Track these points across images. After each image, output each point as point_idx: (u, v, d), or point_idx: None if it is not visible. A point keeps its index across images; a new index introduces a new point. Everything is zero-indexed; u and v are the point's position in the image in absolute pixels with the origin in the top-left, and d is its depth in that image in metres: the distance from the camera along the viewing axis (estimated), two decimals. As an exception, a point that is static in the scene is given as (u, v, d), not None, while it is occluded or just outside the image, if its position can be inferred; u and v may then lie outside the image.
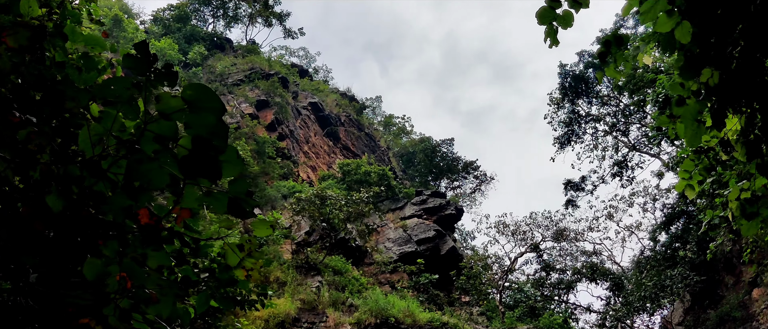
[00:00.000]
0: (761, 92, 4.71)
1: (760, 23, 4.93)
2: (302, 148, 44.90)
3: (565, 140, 44.61)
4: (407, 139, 66.76)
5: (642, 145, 42.06)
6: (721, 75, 4.33)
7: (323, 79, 71.43)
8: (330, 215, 27.59)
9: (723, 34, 4.55)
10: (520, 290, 39.54)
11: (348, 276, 27.51)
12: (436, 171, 54.04)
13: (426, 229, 35.35)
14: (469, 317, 28.87)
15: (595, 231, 45.05)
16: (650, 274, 29.40)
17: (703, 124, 4.50)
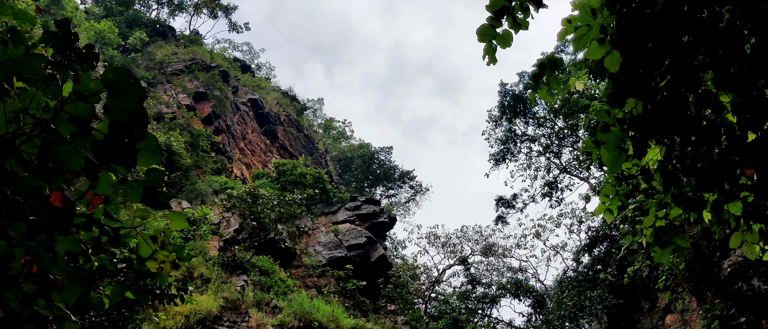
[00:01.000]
0: (683, 126, 4.88)
1: (688, 59, 5.12)
2: (238, 144, 44.29)
3: (500, 157, 45.33)
4: (346, 144, 66.72)
5: (573, 168, 43.11)
6: (646, 106, 4.47)
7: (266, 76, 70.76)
8: (261, 214, 27.28)
9: (651, 67, 4.70)
10: (445, 301, 39.93)
11: (275, 277, 27.24)
12: (373, 178, 54.18)
13: (358, 235, 35.33)
14: (393, 326, 28.98)
15: (522, 249, 46.10)
16: (571, 294, 30.11)
17: (625, 151, 4.63)
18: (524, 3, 5.73)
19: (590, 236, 34.48)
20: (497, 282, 43.43)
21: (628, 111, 4.45)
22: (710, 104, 5.34)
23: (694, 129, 4.96)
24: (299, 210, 28.52)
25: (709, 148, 5.03)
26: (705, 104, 5.32)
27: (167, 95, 39.55)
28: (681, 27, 4.90)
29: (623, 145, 4.73)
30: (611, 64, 4.46)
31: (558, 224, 44.32)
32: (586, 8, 4.69)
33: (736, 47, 5.22)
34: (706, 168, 4.98)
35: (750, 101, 5.22)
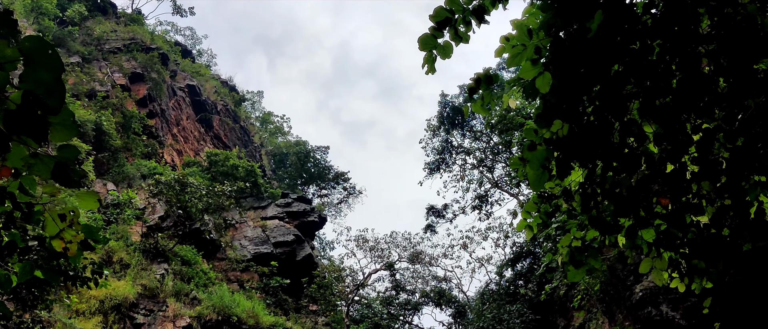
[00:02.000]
0: (605, 151, 5.02)
1: (617, 88, 5.28)
2: (171, 129, 43.34)
3: (435, 167, 45.78)
4: (283, 139, 66.16)
5: (504, 183, 43.86)
6: (572, 128, 4.58)
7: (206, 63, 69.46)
8: (188, 203, 26.75)
9: (580, 92, 4.82)
10: (368, 306, 39.99)
11: (197, 268, 26.75)
12: (307, 176, 53.88)
13: (286, 233, 35.05)
14: (314, 326, 28.85)
15: (448, 258, 46.46)
16: (491, 307, 30.65)
17: (549, 171, 4.74)
18: (467, 17, 5.81)
19: (515, 251, 35.16)
20: (421, 289, 43.78)
21: (555, 132, 4.55)
22: (634, 132, 5.52)
23: (616, 155, 5.11)
24: (228, 202, 28.10)
25: (628, 175, 5.19)
26: (629, 132, 5.50)
27: (102, 72, 38.36)
28: (613, 56, 5.05)
29: (548, 164, 4.83)
30: (542, 85, 4.56)
31: (485, 237, 45.05)
32: (523, 28, 4.78)
33: (664, 81, 5.41)
34: (624, 194, 5.13)
35: (672, 134, 5.42)
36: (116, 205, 27.21)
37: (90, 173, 26.48)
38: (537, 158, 4.59)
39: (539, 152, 4.59)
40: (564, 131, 4.50)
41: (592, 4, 4.58)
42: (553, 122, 4.50)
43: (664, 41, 5.40)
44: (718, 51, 5.74)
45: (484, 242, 47.88)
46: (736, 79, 5.61)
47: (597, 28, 4.40)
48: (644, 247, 5.50)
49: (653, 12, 5.47)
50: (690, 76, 5.36)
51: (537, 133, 4.73)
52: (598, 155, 4.86)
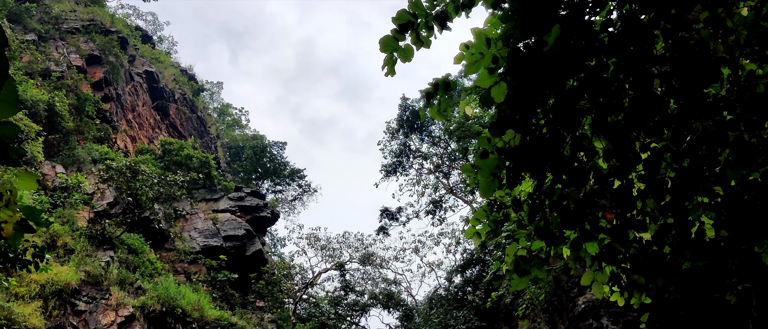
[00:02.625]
0: (556, 164, 5.10)
1: (570, 102, 5.36)
2: (126, 115, 42.51)
3: (391, 169, 45.90)
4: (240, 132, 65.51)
5: (459, 190, 44.21)
6: (524, 139, 4.65)
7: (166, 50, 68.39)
8: (139, 190, 26.29)
9: (534, 104, 4.88)
10: (316, 305, 39.85)
11: (143, 258, 26.28)
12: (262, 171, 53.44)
13: (237, 227, 34.71)
14: (259, 322, 28.61)
15: (399, 262, 46.59)
16: (439, 311, 30.85)
17: (500, 180, 4.79)
18: (430, 22, 5.84)
19: (465, 258, 35.46)
20: (370, 291, 43.84)
21: (507, 142, 4.60)
22: (585, 147, 5.62)
23: (566, 168, 5.19)
24: (180, 192, 27.70)
25: (577, 188, 5.28)
26: (580, 146, 5.60)
27: (59, 52, 37.43)
28: (568, 71, 5.13)
29: (499, 173, 4.88)
30: (497, 95, 4.61)
31: (437, 242, 45.34)
32: (482, 37, 4.83)
33: (616, 98, 5.52)
34: (571, 207, 5.22)
35: (621, 150, 5.53)
36: (64, 188, 26.57)
37: (39, 154, 25.80)
38: (488, 166, 4.63)
39: (491, 161, 4.64)
40: (516, 141, 4.55)
41: (550, 17, 4.64)
42: (505, 132, 4.55)
43: (619, 60, 5.51)
44: (670, 73, 5.88)
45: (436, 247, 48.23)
46: (686, 102, 5.75)
47: (554, 42, 4.47)
48: (587, 260, 5.60)
49: (610, 30, 5.57)
50: (642, 96, 5.48)
51: (490, 141, 4.78)
52: (548, 166, 4.93)
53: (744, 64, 6.30)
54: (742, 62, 6.31)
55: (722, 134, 5.71)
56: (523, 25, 4.66)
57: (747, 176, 6.02)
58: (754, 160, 5.69)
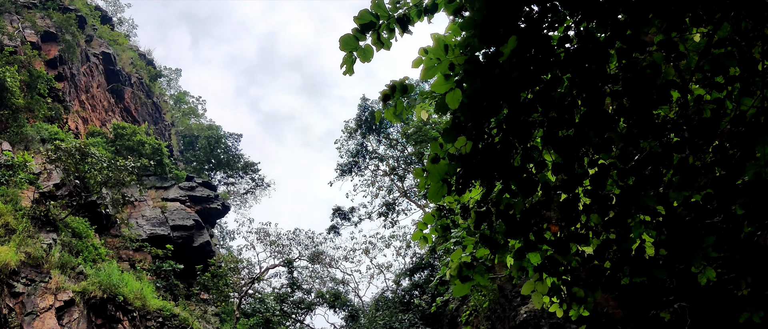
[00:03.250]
0: (505, 173, 5.16)
1: (524, 114, 5.44)
2: (80, 96, 41.52)
3: (347, 169, 45.84)
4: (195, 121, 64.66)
5: (413, 194, 44.38)
6: (475, 146, 4.70)
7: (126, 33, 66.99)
8: (87, 173, 25.70)
9: (488, 113, 4.93)
10: (262, 300, 39.53)
11: (87, 242, 25.69)
12: (215, 162, 52.82)
13: (186, 217, 34.24)
14: (202, 314, 28.25)
15: (349, 262, 46.52)
16: (385, 314, 30.92)
17: (449, 185, 4.83)
18: (391, 24, 5.86)
19: (414, 261, 35.64)
20: (317, 290, 43.69)
21: (459, 148, 4.65)
22: (535, 159, 5.70)
23: (515, 178, 5.26)
24: (129, 178, 27.16)
25: (524, 198, 5.35)
26: (530, 158, 5.68)
27: (13, 27, 36.36)
28: (523, 83, 5.20)
29: (449, 179, 4.92)
30: (452, 101, 4.65)
31: (388, 244, 45.41)
32: (441, 43, 4.87)
33: (569, 113, 5.62)
34: (517, 217, 5.29)
35: (570, 165, 5.63)
36: (9, 166, 25.83)
37: (-17, 129, 25.04)
38: (438, 171, 4.67)
39: (441, 166, 4.68)
40: (467, 149, 4.60)
41: (508, 29, 4.70)
42: (458, 138, 4.60)
43: (573, 76, 5.60)
44: (622, 92, 6.01)
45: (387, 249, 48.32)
46: (636, 122, 5.88)
47: (510, 54, 4.53)
48: (530, 270, 5.69)
49: (567, 46, 5.66)
50: (593, 113, 5.59)
51: (442, 147, 4.82)
52: (498, 175, 4.99)
53: (693, 88, 6.48)
54: (691, 87, 6.49)
55: (668, 156, 5.87)
56: (482, 34, 4.71)
57: (689, 198, 6.19)
58: (696, 182, 5.85)
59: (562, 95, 5.66)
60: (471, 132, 4.53)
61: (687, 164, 5.63)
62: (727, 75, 6.35)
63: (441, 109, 4.92)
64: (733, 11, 5.74)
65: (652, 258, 6.21)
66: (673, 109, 6.40)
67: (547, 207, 5.52)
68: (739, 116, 5.73)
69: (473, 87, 4.57)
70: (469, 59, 4.65)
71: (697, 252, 5.92)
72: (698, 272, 6.17)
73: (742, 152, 5.62)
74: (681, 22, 5.67)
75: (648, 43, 7.20)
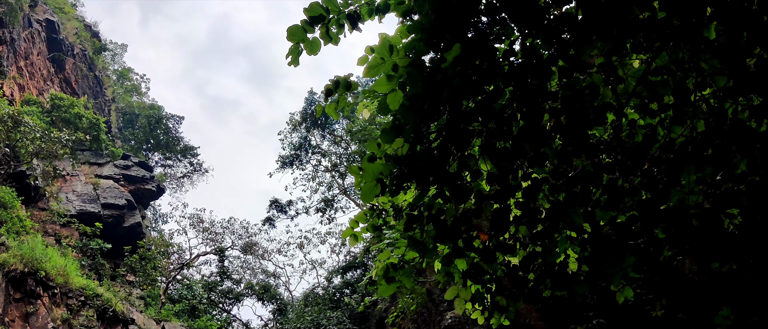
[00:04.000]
0: (440, 178, 5.21)
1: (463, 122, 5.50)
2: (18, 62, 40.06)
3: (288, 161, 45.45)
4: (137, 99, 63.13)
5: (352, 192, 44.34)
6: (413, 149, 4.73)
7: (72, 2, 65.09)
8: (18, 142, 24.87)
9: (427, 118, 4.97)
10: (189, 287, 38.89)
11: (12, 213, 24.83)
12: (154, 143, 51.70)
13: (118, 195, 33.45)
14: (127, 296, 27.61)
15: (282, 255, 46.16)
16: (313, 310, 30.79)
17: (383, 185, 4.84)
18: (341, 20, 5.85)
19: (348, 260, 35.64)
20: (247, 281, 43.22)
21: (396, 150, 4.67)
22: (471, 167, 5.78)
23: (450, 184, 5.32)
24: (63, 151, 26.41)
25: (456, 205, 5.42)
26: (466, 166, 5.75)
27: (-51, -17, 34.93)
28: (466, 91, 5.26)
29: (384, 179, 4.94)
30: (392, 102, 4.67)
31: (323, 241, 45.29)
32: (386, 43, 4.89)
33: (507, 125, 5.71)
34: (448, 222, 5.35)
35: (504, 176, 5.72)
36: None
37: None
38: (373, 171, 4.68)
39: (376, 166, 4.69)
40: (403, 151, 4.63)
41: (455, 36, 4.75)
42: (395, 140, 4.62)
43: (515, 89, 5.70)
44: (560, 110, 6.15)
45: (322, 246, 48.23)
46: (571, 140, 6.02)
47: (453, 60, 4.58)
48: (456, 276, 5.76)
49: (511, 60, 5.75)
50: (531, 127, 5.69)
51: (380, 147, 4.84)
52: (433, 180, 5.03)
53: (628, 112, 6.67)
54: (626, 111, 6.68)
55: (598, 175, 6.02)
56: (428, 38, 4.75)
57: (615, 218, 6.37)
58: (622, 203, 6.03)
59: (503, 107, 5.75)
60: (409, 135, 4.56)
61: (615, 185, 5.80)
62: (661, 103, 6.57)
63: (382, 109, 4.94)
64: (672, 41, 5.94)
65: (575, 273, 6.37)
66: (608, 130, 6.58)
67: (478, 215, 5.60)
68: (668, 143, 5.93)
69: (414, 90, 4.60)
70: (412, 62, 4.68)
71: (618, 271, 6.09)
72: (617, 290, 6.36)
73: (669, 178, 5.82)
74: (622, 47, 5.82)
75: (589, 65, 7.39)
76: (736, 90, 5.75)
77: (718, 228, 5.52)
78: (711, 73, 6.03)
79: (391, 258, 5.69)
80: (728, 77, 6.19)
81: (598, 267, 6.04)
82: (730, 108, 5.82)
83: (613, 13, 5.43)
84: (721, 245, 5.58)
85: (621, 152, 6.34)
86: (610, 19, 5.39)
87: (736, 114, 5.81)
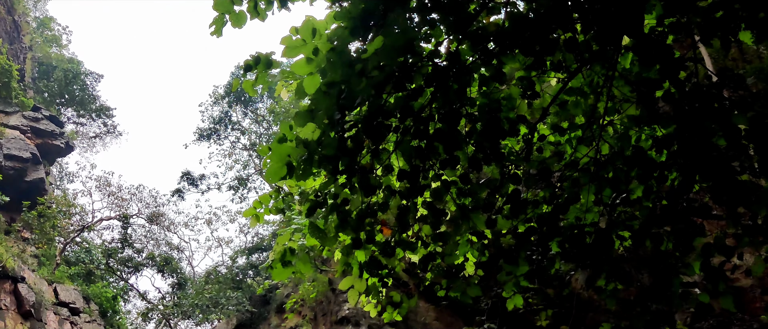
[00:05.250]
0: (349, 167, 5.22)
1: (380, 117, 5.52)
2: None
3: (206, 135, 44.52)
4: (57, 51, 60.26)
5: (268, 174, 43.66)
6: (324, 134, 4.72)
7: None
8: None
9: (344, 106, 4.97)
10: (88, 251, 37.54)
11: None
12: (68, 98, 49.55)
13: (24, 148, 31.94)
14: (20, 253, 26.43)
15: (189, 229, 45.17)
16: (213, 288, 30.29)
17: (291, 168, 4.81)
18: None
19: (255, 242, 35.23)
20: (149, 251, 42.10)
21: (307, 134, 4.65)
22: (383, 162, 5.83)
23: (360, 176, 5.34)
24: (-34, 93, 24.99)
25: (363, 197, 5.44)
26: (379, 159, 5.80)
27: None
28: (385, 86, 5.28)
29: (293, 162, 4.91)
30: (309, 86, 4.66)
31: (233, 219, 44.60)
32: (310, 25, 4.86)
33: (424, 125, 5.78)
34: (353, 213, 5.38)
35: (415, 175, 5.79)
36: None
37: None
38: (281, 152, 4.64)
39: (285, 147, 4.66)
40: (314, 136, 4.61)
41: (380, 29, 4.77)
42: (307, 124, 4.60)
43: (436, 91, 5.76)
44: (477, 117, 6.28)
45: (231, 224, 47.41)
46: (483, 147, 6.15)
47: (374, 52, 4.59)
48: (354, 267, 5.79)
49: (436, 61, 5.81)
50: (448, 130, 5.78)
51: (292, 129, 4.80)
52: (342, 170, 5.03)
53: (540, 128, 6.87)
54: (539, 126, 6.88)
55: (504, 185, 6.18)
56: (354, 28, 4.75)
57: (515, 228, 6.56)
58: (524, 214, 6.21)
59: (422, 106, 5.81)
60: (322, 120, 4.55)
61: (519, 195, 5.96)
62: (571, 122, 6.80)
63: (299, 92, 4.91)
64: (589, 65, 6.14)
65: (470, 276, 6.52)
66: (520, 143, 6.75)
67: (384, 209, 5.65)
68: (573, 161, 6.15)
69: (332, 77, 4.58)
70: (334, 48, 4.67)
71: (511, 278, 6.28)
72: (508, 297, 6.54)
73: (569, 195, 6.03)
74: (542, 63, 5.97)
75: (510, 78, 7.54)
76: (642, 119, 6.01)
77: (609, 248, 5.76)
78: (621, 100, 6.28)
79: (290, 243, 5.67)
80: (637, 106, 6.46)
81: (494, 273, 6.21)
82: (634, 136, 6.07)
83: (537, 29, 5.56)
84: (610, 265, 5.84)
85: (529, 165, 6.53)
86: (533, 35, 5.52)
87: (639, 142, 6.07)
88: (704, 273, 5.34)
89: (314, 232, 5.23)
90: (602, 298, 6.09)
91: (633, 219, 6.06)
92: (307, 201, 5.18)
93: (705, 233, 5.39)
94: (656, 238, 5.59)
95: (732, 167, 4.89)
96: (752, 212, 5.21)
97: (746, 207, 5.12)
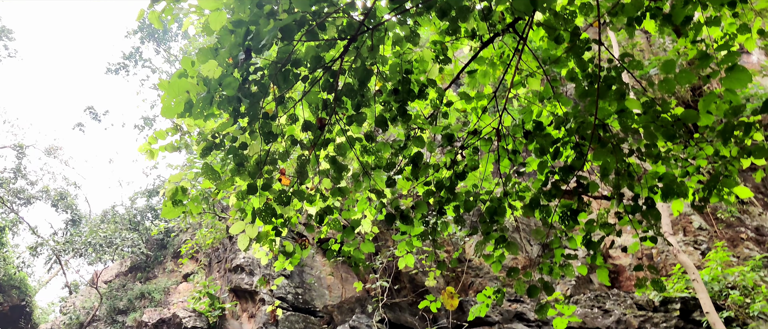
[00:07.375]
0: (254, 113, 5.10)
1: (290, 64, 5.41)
2: None
3: (114, 70, 42.59)
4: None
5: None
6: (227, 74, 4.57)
7: None
8: None
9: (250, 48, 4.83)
10: (-24, 178, 35.49)
11: None
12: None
13: None
14: None
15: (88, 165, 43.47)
16: (109, 227, 29.26)
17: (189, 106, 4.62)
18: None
19: (157, 184, 34.19)
20: (44, 184, 40.20)
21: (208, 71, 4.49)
22: (287, 109, 5.74)
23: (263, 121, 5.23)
24: None
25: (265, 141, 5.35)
26: (284, 106, 5.71)
27: None
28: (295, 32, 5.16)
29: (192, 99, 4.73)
30: (214, 22, 4.50)
31: (135, 160, 43.21)
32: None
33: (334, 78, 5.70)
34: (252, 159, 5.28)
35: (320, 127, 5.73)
36: None
37: None
38: (179, 88, 4.46)
39: (184, 83, 4.48)
40: (215, 75, 4.46)
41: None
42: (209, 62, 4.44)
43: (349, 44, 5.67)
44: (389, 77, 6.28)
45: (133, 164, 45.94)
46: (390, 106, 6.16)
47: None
48: (249, 213, 5.70)
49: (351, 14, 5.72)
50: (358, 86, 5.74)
51: (193, 65, 4.62)
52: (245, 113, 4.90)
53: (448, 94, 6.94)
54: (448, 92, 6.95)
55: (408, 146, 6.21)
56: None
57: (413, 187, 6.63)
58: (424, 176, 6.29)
59: (334, 59, 5.73)
60: (224, 59, 4.39)
61: (421, 158, 6.01)
62: (479, 91, 6.89)
63: (205, 28, 4.74)
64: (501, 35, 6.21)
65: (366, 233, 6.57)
66: (427, 107, 6.78)
67: (284, 158, 5.57)
68: (477, 130, 6.23)
69: (239, 15, 4.43)
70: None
71: (404, 238, 6.37)
72: (401, 256, 6.65)
73: (470, 162, 6.13)
74: (457, 30, 5.99)
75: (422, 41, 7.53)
76: (545, 95, 6.16)
77: (501, 215, 5.92)
78: (527, 74, 6.40)
79: (182, 183, 5.51)
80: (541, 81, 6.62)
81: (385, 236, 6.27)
82: (535, 110, 6.21)
83: (456, -6, 5.55)
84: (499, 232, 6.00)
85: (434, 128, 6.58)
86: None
87: (540, 117, 6.22)
88: (585, 247, 5.57)
89: (208, 173, 5.09)
90: (488, 263, 6.26)
91: (526, 191, 6.23)
92: (204, 141, 5.03)
93: (590, 210, 5.62)
94: (545, 210, 5.77)
95: (621, 148, 5.09)
96: (635, 194, 5.46)
97: (630, 188, 5.36)
